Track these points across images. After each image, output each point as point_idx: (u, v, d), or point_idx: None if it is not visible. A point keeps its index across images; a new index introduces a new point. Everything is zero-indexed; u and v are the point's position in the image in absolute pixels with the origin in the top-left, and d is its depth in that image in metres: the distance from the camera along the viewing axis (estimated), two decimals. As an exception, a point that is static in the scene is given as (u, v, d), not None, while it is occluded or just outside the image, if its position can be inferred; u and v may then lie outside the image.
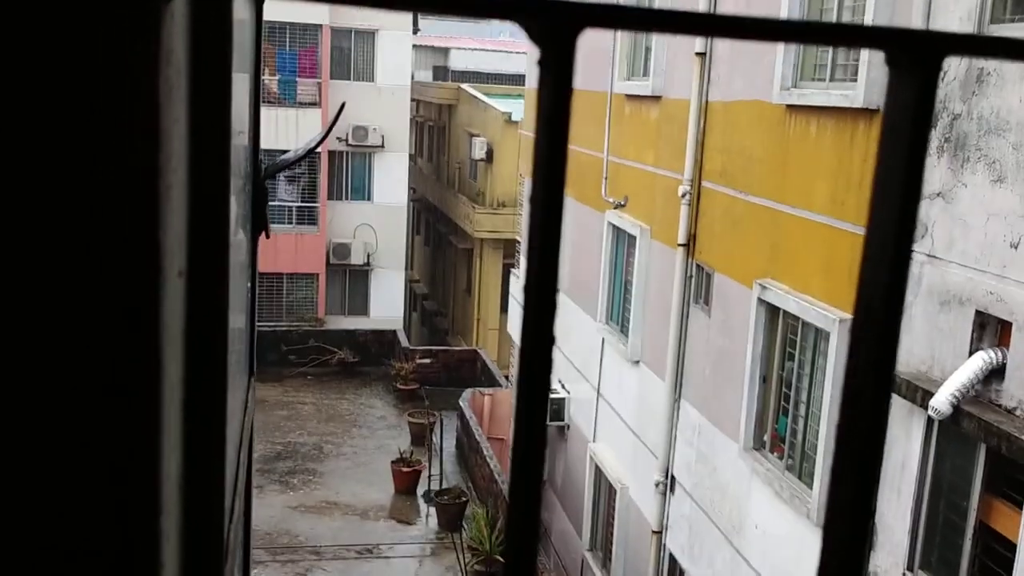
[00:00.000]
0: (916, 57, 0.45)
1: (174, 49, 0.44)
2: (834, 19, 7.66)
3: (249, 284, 1.50)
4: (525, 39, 0.45)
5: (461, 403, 18.42)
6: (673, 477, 10.38)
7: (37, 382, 0.41)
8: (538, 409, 0.45)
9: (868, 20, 6.94)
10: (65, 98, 0.38)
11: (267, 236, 1.57)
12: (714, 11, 9.51)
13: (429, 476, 16.83)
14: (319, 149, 24.29)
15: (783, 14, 8.11)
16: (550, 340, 0.46)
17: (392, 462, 17.15)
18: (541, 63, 0.44)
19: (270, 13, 25.97)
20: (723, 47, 9.43)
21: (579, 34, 0.44)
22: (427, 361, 21.99)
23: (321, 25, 24.28)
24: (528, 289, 0.44)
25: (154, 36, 0.39)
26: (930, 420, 6.13)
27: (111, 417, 0.42)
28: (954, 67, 6.12)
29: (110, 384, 0.42)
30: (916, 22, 6.42)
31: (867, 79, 6.93)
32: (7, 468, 0.41)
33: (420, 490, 17.00)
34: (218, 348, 0.64)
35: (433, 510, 16.19)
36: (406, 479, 16.95)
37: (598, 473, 12.60)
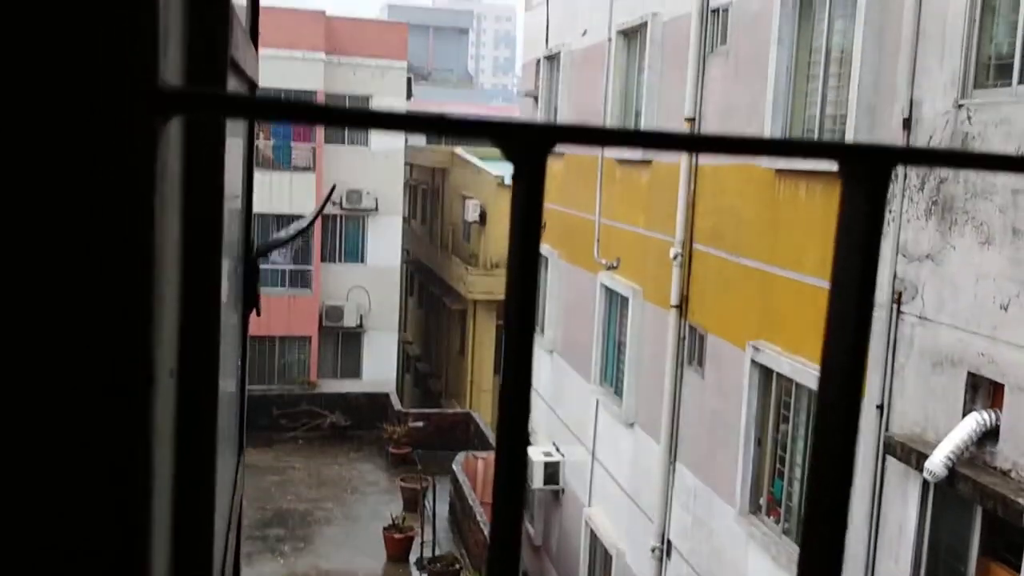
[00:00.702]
0: (867, 168, 0.48)
1: (169, 164, 0.46)
2: (820, 90, 7.83)
3: (239, 362, 1.52)
4: (501, 151, 0.48)
5: (454, 467, 18.23)
6: (669, 542, 10.25)
7: (28, 486, 0.43)
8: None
9: (854, 87, 7.09)
10: (63, 213, 0.41)
11: (258, 314, 1.59)
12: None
13: (422, 542, 16.56)
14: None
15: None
16: (524, 444, 0.48)
17: (384, 528, 16.89)
18: (514, 177, 0.47)
19: (264, 79, 26.29)
20: (712, 112, 9.61)
21: (549, 151, 0.47)
22: (420, 424, 21.81)
23: (316, 91, 24.65)
24: (503, 395, 0.46)
25: (151, 153, 0.42)
26: (925, 483, 6.10)
27: (101, 514, 0.44)
28: (939, 131, 6.24)
29: (100, 485, 0.43)
30: (901, 89, 6.57)
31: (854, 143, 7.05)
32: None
33: (413, 557, 16.71)
34: (206, 444, 0.65)
35: (426, 577, 15.88)
36: (398, 546, 16.68)
37: (593, 538, 12.44)
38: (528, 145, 0.46)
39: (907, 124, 6.51)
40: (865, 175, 0.49)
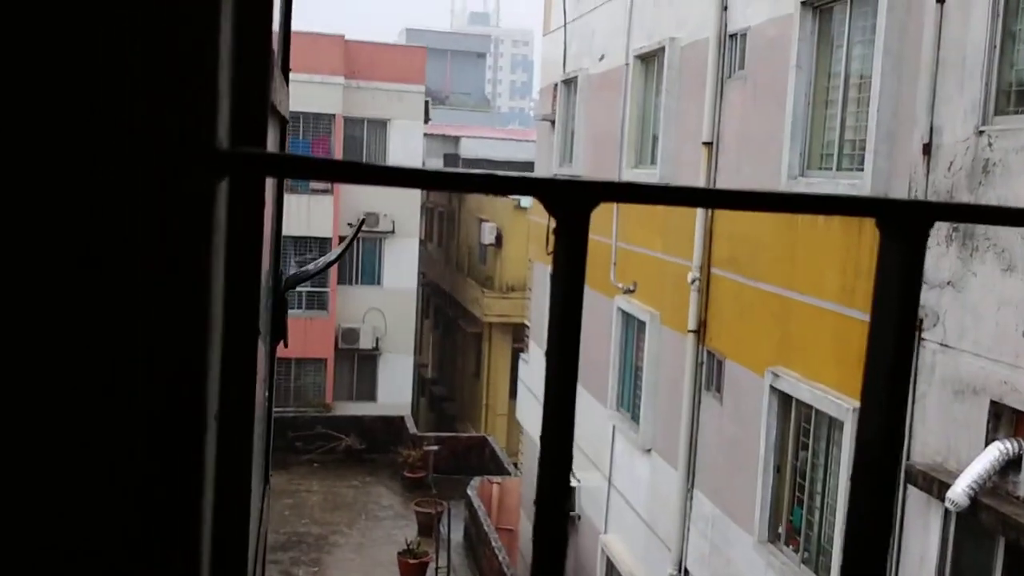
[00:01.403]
0: (904, 224, 0.49)
1: (220, 218, 0.48)
2: (839, 115, 7.82)
3: (267, 393, 1.53)
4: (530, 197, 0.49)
5: (469, 492, 18.15)
6: (687, 570, 10.15)
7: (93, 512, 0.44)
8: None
9: (873, 112, 7.08)
10: (129, 274, 0.42)
11: (286, 346, 1.60)
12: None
13: (436, 568, 16.47)
14: (330, 236, 24.59)
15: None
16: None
17: (399, 553, 16.81)
18: (557, 233, 0.48)
19: (286, 104, 26.42)
20: (730, 137, 9.62)
21: (593, 208, 0.47)
22: (435, 448, 21.76)
23: (334, 115, 24.87)
24: (544, 444, 0.46)
25: (208, 212, 0.43)
26: (947, 512, 6.02)
27: (153, 551, 0.45)
28: (959, 157, 6.22)
29: (157, 537, 0.44)
30: (921, 115, 6.55)
31: (873, 168, 7.03)
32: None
33: (428, 581, 16.61)
34: (242, 487, 0.66)
35: (441, 602, 15.79)
36: (413, 571, 16.59)
37: (610, 566, 12.33)
38: (573, 202, 0.47)
39: (927, 150, 6.49)
40: (903, 231, 0.49)
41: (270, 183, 1.09)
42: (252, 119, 0.67)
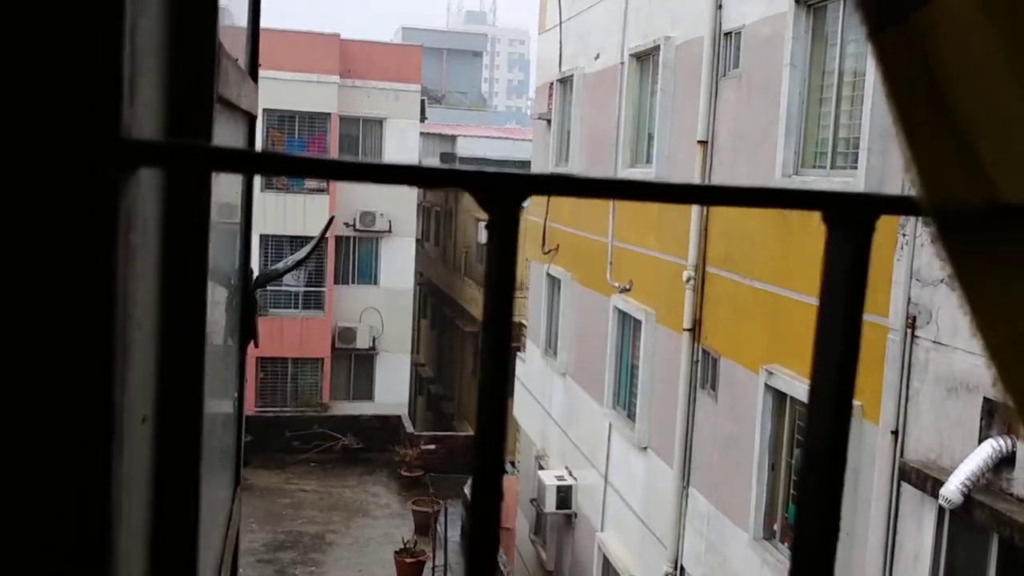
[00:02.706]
0: (851, 217, 0.47)
1: (139, 212, 0.46)
2: (833, 113, 7.81)
3: (237, 394, 1.52)
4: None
5: (466, 490, 18.14)
6: (682, 567, 10.14)
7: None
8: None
9: (867, 110, 7.07)
10: (22, 264, 0.40)
11: (256, 346, 1.59)
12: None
13: (433, 567, 16.47)
14: (326, 234, 24.57)
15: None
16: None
17: (395, 552, 16.81)
18: (488, 226, 0.46)
19: (279, 102, 26.35)
20: (725, 135, 9.61)
21: (523, 200, 0.46)
22: (432, 447, 21.76)
23: (330, 114, 24.84)
24: (478, 449, 0.45)
25: (112, 205, 0.41)
26: (941, 510, 6.02)
27: (63, 564, 0.43)
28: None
29: (60, 544, 0.43)
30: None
31: (867, 166, 7.03)
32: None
33: (425, 580, 16.61)
34: (190, 486, 0.64)
35: (438, 601, 15.79)
36: (410, 570, 16.59)
37: (606, 564, 12.33)
38: (502, 196, 0.45)
39: (920, 148, 6.49)
40: (849, 224, 0.48)
41: (229, 178, 1.07)
42: (192, 109, 0.65)
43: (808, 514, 0.51)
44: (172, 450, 0.59)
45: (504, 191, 0.46)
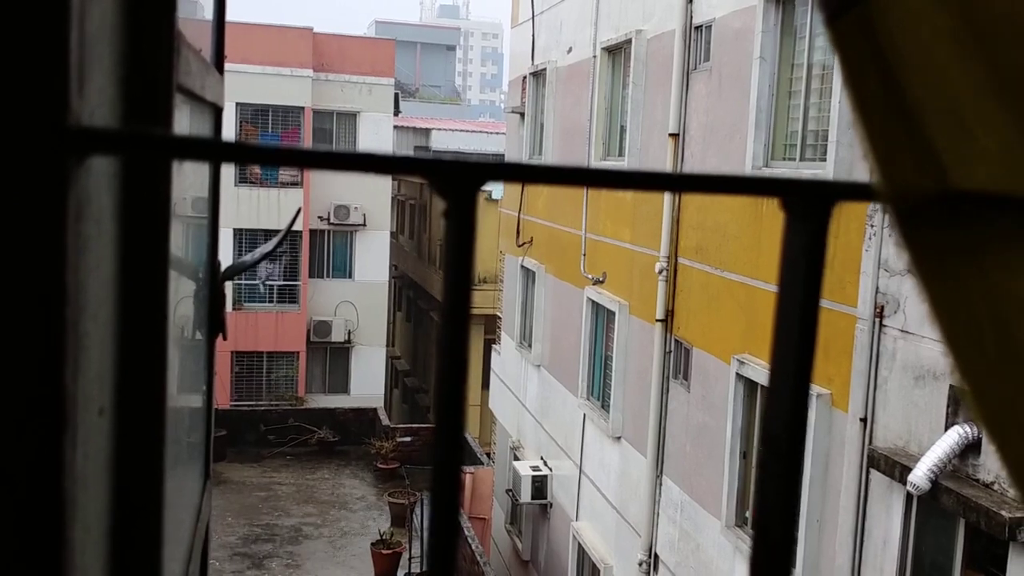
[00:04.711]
0: (809, 204, 0.48)
1: (93, 201, 0.45)
2: (802, 105, 7.88)
3: (206, 387, 1.50)
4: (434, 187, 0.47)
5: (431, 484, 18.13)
6: (656, 556, 10.22)
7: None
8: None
9: (835, 102, 7.13)
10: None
11: (224, 338, 1.58)
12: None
13: (410, 558, 16.47)
14: (300, 229, 24.42)
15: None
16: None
17: (372, 544, 16.79)
18: (445, 214, 0.47)
19: (252, 96, 26.12)
20: (696, 128, 9.66)
21: (479, 188, 0.46)
22: (408, 439, 21.73)
23: (303, 107, 24.67)
24: (436, 439, 0.45)
25: (60, 195, 0.41)
26: (909, 496, 6.11)
27: (10, 567, 0.42)
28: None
29: (10, 539, 0.42)
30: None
31: (836, 158, 7.09)
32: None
33: (400, 573, 16.61)
34: (153, 479, 0.64)
35: (414, 594, 15.79)
36: (386, 562, 16.58)
37: (581, 552, 12.39)
38: (459, 183, 0.45)
39: (888, 139, 6.55)
40: (807, 211, 0.48)
41: (195, 169, 1.07)
42: (149, 98, 0.64)
43: (766, 492, 0.51)
44: (133, 443, 0.59)
45: (460, 178, 0.46)
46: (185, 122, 0.93)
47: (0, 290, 0.41)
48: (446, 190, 0.45)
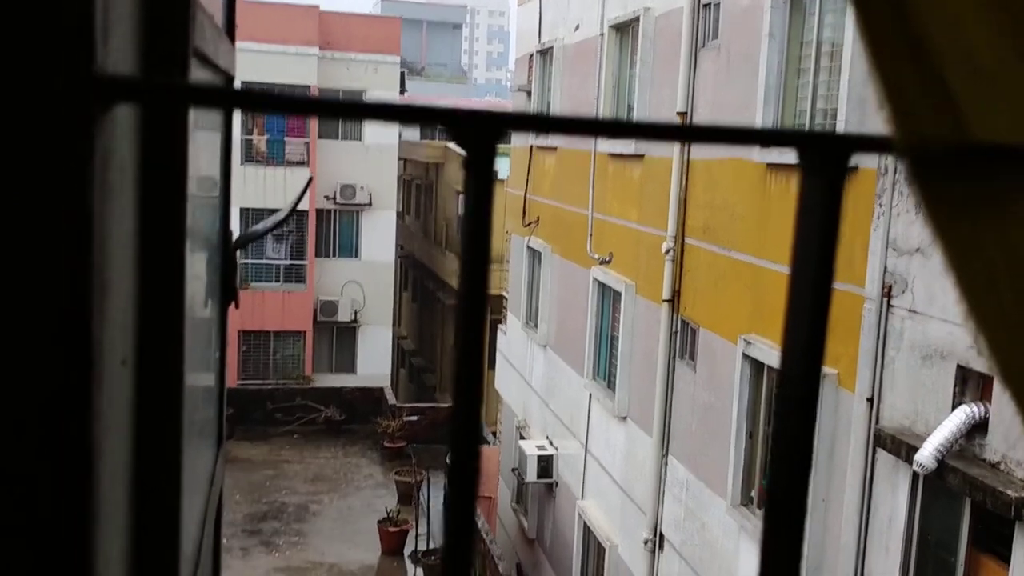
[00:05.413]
0: (825, 157, 0.48)
1: (115, 149, 0.46)
2: (811, 83, 7.83)
3: (218, 353, 1.52)
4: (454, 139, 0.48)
5: (448, 460, 18.24)
6: (662, 534, 10.27)
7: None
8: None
9: (844, 80, 7.09)
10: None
11: (236, 306, 1.59)
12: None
13: (416, 535, 16.59)
14: (306, 208, 24.41)
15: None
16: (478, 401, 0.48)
17: (379, 522, 16.91)
18: (465, 165, 0.47)
19: (258, 75, 26.07)
20: (704, 105, 9.61)
21: (499, 138, 0.46)
22: (414, 418, 21.83)
23: (309, 87, 24.59)
24: (456, 383, 0.46)
25: (86, 146, 0.41)
26: (915, 475, 6.12)
27: (39, 502, 0.43)
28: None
29: (40, 472, 0.43)
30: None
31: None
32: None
33: (407, 550, 16.74)
34: (171, 431, 0.65)
35: (421, 571, 15.91)
36: (393, 539, 16.70)
37: (587, 531, 12.46)
38: (478, 133, 0.46)
39: (898, 117, 6.52)
40: (823, 164, 0.49)
41: (208, 137, 1.07)
42: (166, 60, 0.65)
43: (779, 460, 0.51)
44: (153, 393, 0.60)
45: (480, 128, 0.46)
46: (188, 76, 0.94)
47: (33, 233, 0.41)
48: (467, 140, 0.46)
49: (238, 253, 1.61)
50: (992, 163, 0.45)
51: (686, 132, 0.47)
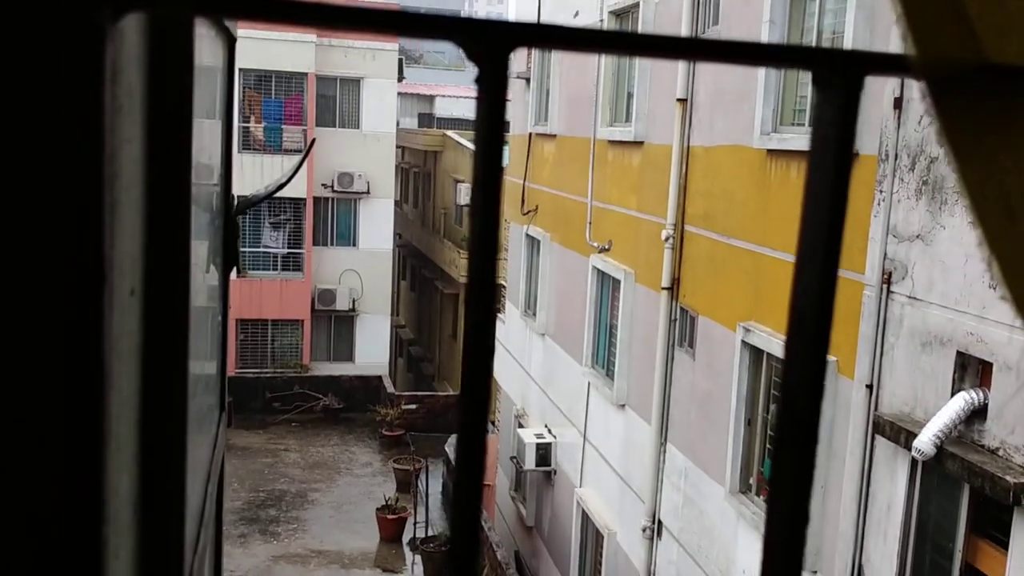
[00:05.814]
0: (840, 76, 0.47)
1: (124, 69, 0.45)
2: (809, 84, 7.81)
3: (221, 318, 1.51)
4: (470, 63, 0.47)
5: (447, 449, 18.29)
6: (660, 522, 10.30)
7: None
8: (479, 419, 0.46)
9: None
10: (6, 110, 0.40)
11: (239, 273, 1.58)
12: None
13: (415, 523, 16.63)
14: (304, 196, 24.37)
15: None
16: (489, 352, 0.47)
17: (377, 509, 16.95)
18: (477, 80, 0.46)
19: (256, 61, 25.99)
20: (704, 93, 9.58)
21: (511, 52, 0.46)
22: (413, 407, 21.86)
23: (307, 73, 24.52)
24: (469, 299, 0.45)
25: (96, 55, 0.41)
26: (914, 461, 6.13)
27: (52, 430, 0.43)
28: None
29: (50, 398, 0.43)
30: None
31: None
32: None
33: (406, 538, 16.78)
34: (178, 363, 0.64)
35: (419, 558, 15.96)
36: (392, 527, 16.74)
37: (585, 518, 12.49)
38: (491, 44, 0.45)
39: (898, 104, 6.51)
40: (837, 82, 0.48)
41: (215, 126, 1.06)
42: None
43: (786, 419, 0.51)
44: (160, 323, 0.59)
45: (493, 39, 0.45)
46: (202, 45, 0.93)
47: (45, 143, 0.41)
48: (478, 52, 0.45)
49: (239, 220, 1.61)
50: (1010, 83, 0.45)
51: (699, 47, 0.46)
